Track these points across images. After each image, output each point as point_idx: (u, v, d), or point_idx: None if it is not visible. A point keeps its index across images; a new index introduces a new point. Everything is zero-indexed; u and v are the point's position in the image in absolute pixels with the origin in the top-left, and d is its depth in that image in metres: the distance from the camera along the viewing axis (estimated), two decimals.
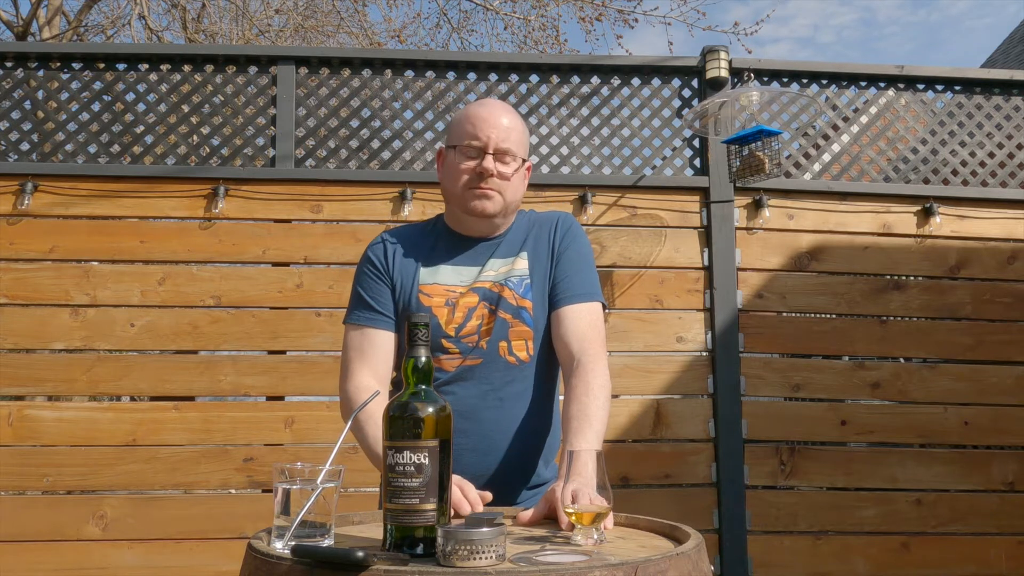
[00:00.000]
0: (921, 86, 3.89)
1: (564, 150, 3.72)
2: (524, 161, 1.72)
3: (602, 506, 1.32)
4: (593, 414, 1.57)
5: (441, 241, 1.75)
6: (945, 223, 3.75)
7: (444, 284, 1.69)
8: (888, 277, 3.71)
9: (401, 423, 1.21)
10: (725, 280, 3.60)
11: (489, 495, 1.48)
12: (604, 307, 1.75)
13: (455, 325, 1.67)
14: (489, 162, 1.65)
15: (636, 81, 3.79)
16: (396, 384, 1.74)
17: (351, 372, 1.68)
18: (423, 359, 1.27)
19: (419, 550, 1.18)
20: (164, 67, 3.66)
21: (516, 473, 1.69)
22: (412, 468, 1.19)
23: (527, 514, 1.45)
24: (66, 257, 3.45)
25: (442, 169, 1.75)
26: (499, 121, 1.67)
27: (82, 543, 3.27)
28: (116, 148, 3.58)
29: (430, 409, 1.22)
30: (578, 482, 1.36)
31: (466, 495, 1.43)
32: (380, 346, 1.69)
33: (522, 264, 1.71)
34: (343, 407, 1.69)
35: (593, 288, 1.72)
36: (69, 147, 3.57)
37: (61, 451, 3.32)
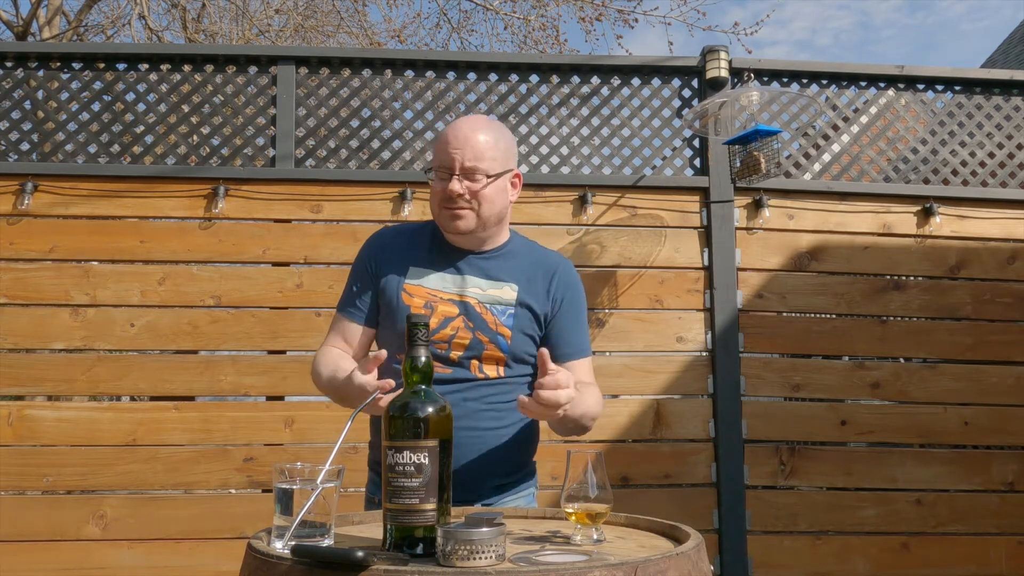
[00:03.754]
0: (921, 86, 3.89)
1: (564, 150, 3.72)
2: (503, 173, 1.75)
3: (602, 506, 1.33)
4: (587, 396, 1.71)
5: (434, 246, 1.81)
6: (945, 223, 3.75)
7: (428, 288, 1.76)
8: (888, 277, 3.71)
9: (401, 423, 1.21)
10: (725, 280, 3.60)
11: None
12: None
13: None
14: (455, 184, 1.70)
15: (636, 81, 3.79)
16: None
17: (327, 342, 1.84)
18: (423, 359, 1.27)
19: (419, 550, 1.18)
20: (164, 67, 3.66)
21: (480, 469, 1.72)
22: (412, 468, 1.19)
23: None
24: (66, 257, 3.45)
25: None
26: (465, 141, 1.71)
27: (82, 543, 3.27)
28: (116, 148, 3.58)
29: (430, 409, 1.23)
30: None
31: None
32: (353, 334, 1.83)
33: (510, 295, 1.76)
34: (313, 367, 1.82)
35: (586, 344, 1.85)
36: (69, 147, 3.57)
37: (61, 451, 3.32)
